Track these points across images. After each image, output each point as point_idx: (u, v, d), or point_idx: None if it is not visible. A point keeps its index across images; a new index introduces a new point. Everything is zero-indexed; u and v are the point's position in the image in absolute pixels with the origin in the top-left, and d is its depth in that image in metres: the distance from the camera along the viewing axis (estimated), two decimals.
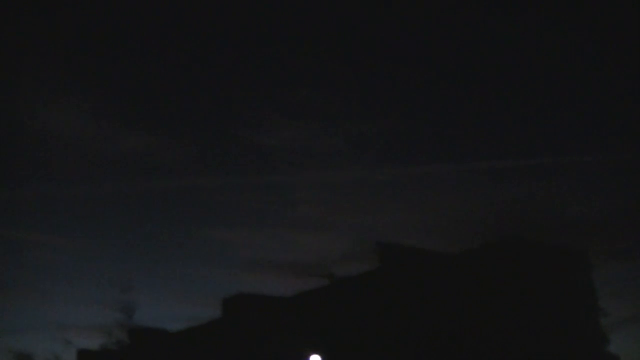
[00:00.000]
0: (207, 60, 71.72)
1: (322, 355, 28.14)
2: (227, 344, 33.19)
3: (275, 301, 32.63)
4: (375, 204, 62.80)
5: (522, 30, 65.03)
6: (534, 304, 25.75)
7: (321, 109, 69.48)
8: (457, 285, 26.08)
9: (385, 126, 68.81)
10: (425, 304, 26.39)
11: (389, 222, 60.10)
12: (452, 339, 25.62)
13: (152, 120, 73.05)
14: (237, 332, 32.98)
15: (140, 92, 74.41)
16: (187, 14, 69.41)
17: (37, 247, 66.63)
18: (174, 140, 70.70)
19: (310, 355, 28.23)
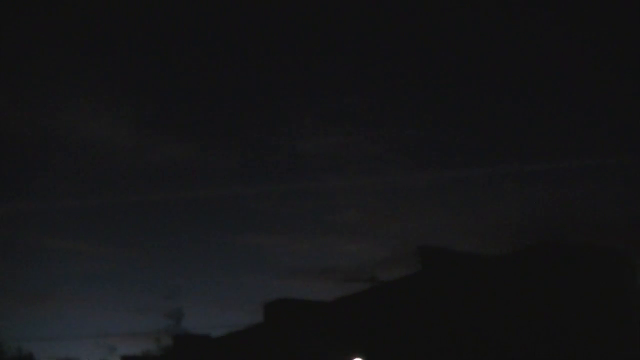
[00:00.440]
0: (246, 68, 72.33)
1: (364, 358, 28.21)
2: (268, 348, 33.35)
3: (316, 305, 32.73)
4: (415, 208, 62.75)
5: (553, 34, 64.56)
6: (576, 307, 25.48)
7: (360, 115, 69.69)
8: (498, 288, 25.93)
9: (424, 131, 68.77)
10: (466, 307, 26.27)
11: (429, 226, 60.02)
12: (493, 343, 25.46)
13: (192, 129, 73.84)
14: (279, 336, 33.14)
15: (180, 102, 75.28)
16: (226, 23, 70.09)
17: (82, 256, 67.72)
18: (214, 148, 71.40)
19: (352, 358, 28.33)
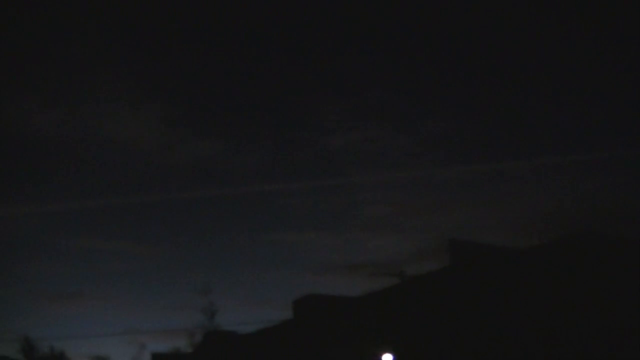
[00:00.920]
0: (273, 64, 72.15)
1: (393, 354, 27.85)
2: (297, 344, 33.14)
3: (345, 301, 32.44)
4: (443, 201, 62.22)
5: (578, 24, 63.56)
6: (608, 300, 24.86)
7: (388, 110, 69.19)
8: (529, 281, 25.41)
9: (453, 124, 68.11)
10: (496, 301, 25.79)
11: (458, 219, 59.46)
12: (524, 337, 24.96)
13: (220, 126, 73.86)
14: (308, 332, 32.90)
15: (206, 99, 75.34)
16: (253, 19, 69.97)
17: (113, 255, 68.09)
18: (242, 146, 71.35)
19: (381, 354, 27.98)
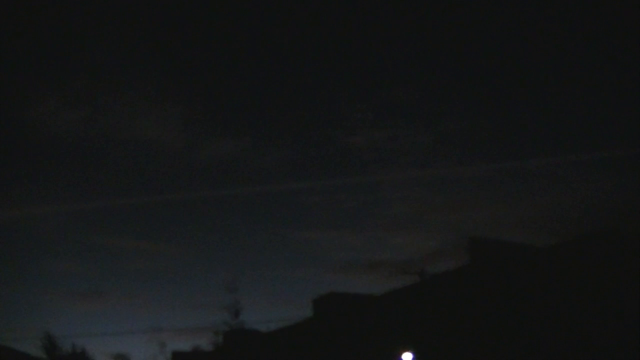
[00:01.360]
0: (296, 62, 72.24)
1: (414, 352, 27.85)
2: (318, 342, 33.19)
3: (365, 299, 32.45)
4: (465, 200, 61.98)
5: (596, 21, 63.11)
6: (632, 298, 24.71)
7: (410, 108, 69.07)
8: (550, 279, 25.32)
9: (474, 122, 67.86)
10: (517, 299, 25.72)
11: (479, 217, 59.27)
12: (546, 335, 24.89)
13: (242, 125, 73.96)
14: (328, 330, 32.95)
15: (229, 98, 75.55)
16: (275, 17, 70.05)
17: (135, 254, 68.49)
18: (265, 144, 71.45)
19: (402, 352, 27.99)
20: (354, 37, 70.88)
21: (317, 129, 72.52)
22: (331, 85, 72.06)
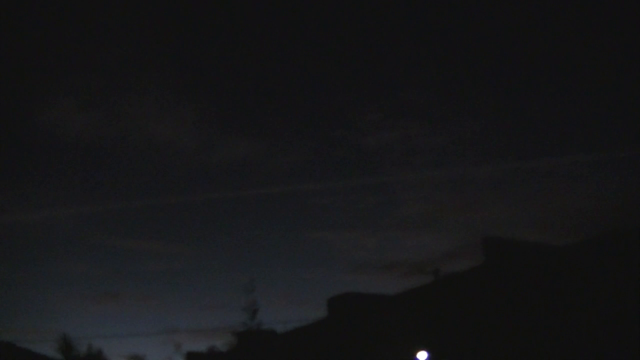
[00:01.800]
0: (309, 64, 72.42)
1: (429, 351, 27.86)
2: (332, 342, 33.25)
3: (380, 299, 32.49)
4: (479, 200, 62.01)
5: (609, 22, 62.92)
6: None
7: (424, 109, 69.20)
8: (565, 279, 25.26)
9: (488, 123, 67.85)
10: (531, 299, 25.68)
11: (494, 217, 59.26)
12: (560, 335, 24.81)
13: (256, 127, 74.27)
14: (343, 330, 33.00)
15: (243, 100, 75.81)
16: (289, 20, 70.28)
17: (151, 255, 68.84)
18: (279, 145, 71.71)
19: (417, 351, 28.01)
20: (367, 39, 71.06)
21: (331, 131, 72.73)
22: (344, 87, 72.30)
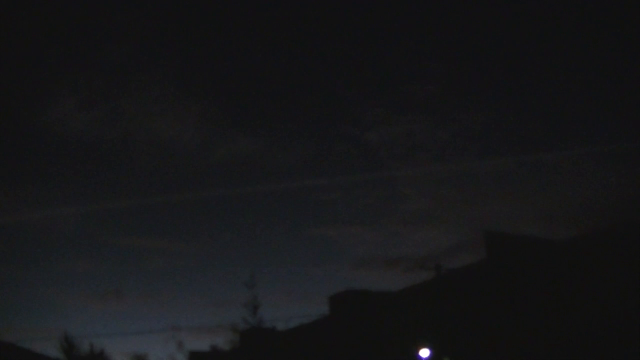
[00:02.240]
0: (311, 60, 72.23)
1: (431, 348, 27.67)
2: (335, 339, 33.10)
3: (382, 296, 32.32)
4: (483, 194, 61.77)
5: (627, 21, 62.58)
6: None
7: (427, 103, 68.95)
8: (566, 273, 25.05)
9: (490, 117, 67.59)
10: (533, 292, 25.47)
11: (498, 212, 59.08)
12: (562, 330, 24.61)
13: (258, 123, 74.11)
14: (345, 327, 32.85)
15: (245, 96, 75.66)
16: (291, 16, 70.07)
17: (153, 253, 68.77)
18: (281, 142, 71.54)
19: (419, 348, 27.81)
20: (369, 35, 70.79)
21: (334, 127, 72.55)
22: (347, 82, 72.09)
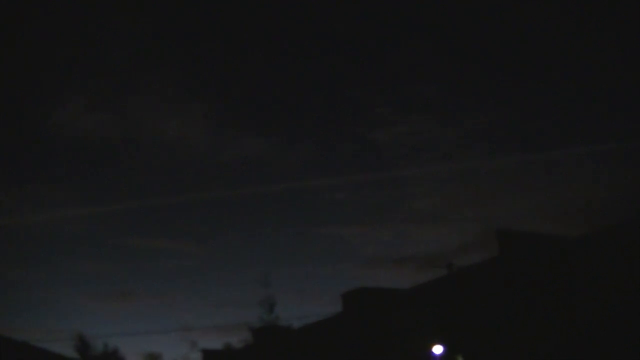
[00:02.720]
0: (318, 60, 72.40)
1: (444, 345, 27.86)
2: (347, 338, 33.29)
3: (394, 293, 32.50)
4: (491, 192, 61.84)
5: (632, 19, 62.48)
6: None
7: (434, 102, 69.06)
8: (579, 270, 25.20)
9: (498, 116, 67.67)
10: (546, 289, 25.63)
11: (507, 210, 59.18)
12: (575, 327, 24.77)
13: (267, 123, 74.35)
14: (358, 325, 33.04)
15: (253, 97, 75.86)
16: (299, 15, 70.23)
17: (165, 253, 69.12)
18: (289, 141, 71.76)
19: (432, 345, 28.00)
20: (376, 34, 70.91)
21: (341, 126, 72.70)
22: (354, 82, 72.21)
